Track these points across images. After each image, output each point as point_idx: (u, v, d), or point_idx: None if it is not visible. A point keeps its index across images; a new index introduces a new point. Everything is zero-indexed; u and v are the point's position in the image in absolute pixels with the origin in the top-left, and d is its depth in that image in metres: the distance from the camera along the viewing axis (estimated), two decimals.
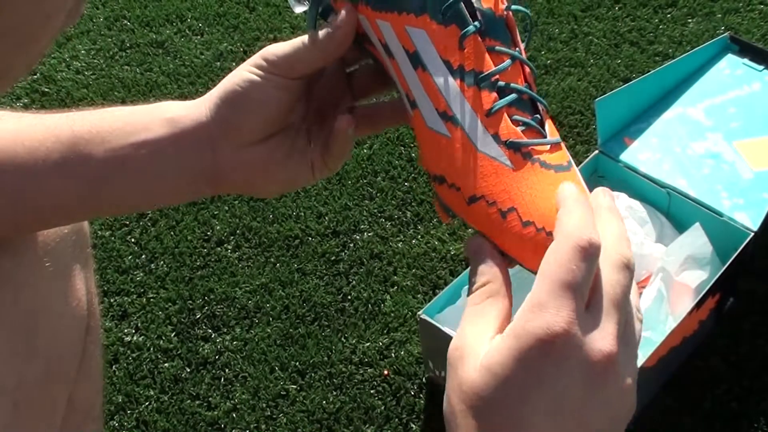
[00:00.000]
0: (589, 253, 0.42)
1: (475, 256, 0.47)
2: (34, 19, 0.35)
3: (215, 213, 1.34)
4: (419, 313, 1.03)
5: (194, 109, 0.54)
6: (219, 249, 1.30)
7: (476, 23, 0.47)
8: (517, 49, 0.49)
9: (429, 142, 0.49)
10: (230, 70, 1.77)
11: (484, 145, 0.48)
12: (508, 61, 0.48)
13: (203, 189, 0.56)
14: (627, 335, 0.43)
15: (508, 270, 0.47)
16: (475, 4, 0.47)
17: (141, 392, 1.14)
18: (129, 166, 0.53)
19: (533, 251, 0.46)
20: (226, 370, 1.16)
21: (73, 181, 0.53)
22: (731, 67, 1.27)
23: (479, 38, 0.48)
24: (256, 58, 0.53)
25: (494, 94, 0.48)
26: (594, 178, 1.20)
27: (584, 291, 0.42)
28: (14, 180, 0.52)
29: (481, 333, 0.43)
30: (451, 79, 0.48)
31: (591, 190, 0.48)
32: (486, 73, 0.48)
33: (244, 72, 0.53)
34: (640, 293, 1.03)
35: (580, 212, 0.44)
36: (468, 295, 0.47)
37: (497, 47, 0.48)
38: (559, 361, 0.40)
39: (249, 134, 0.54)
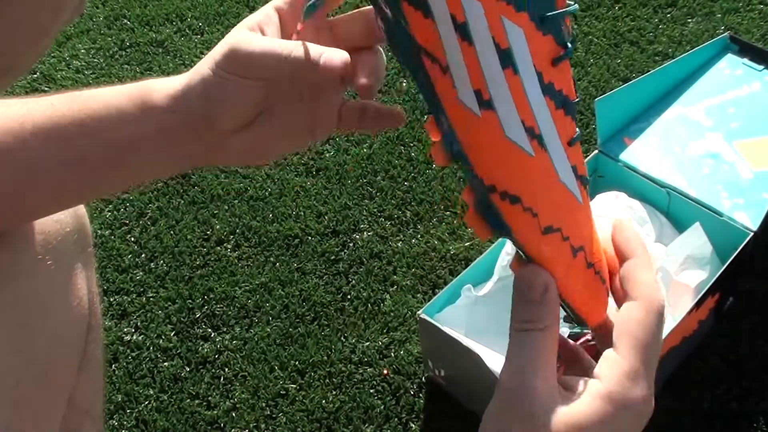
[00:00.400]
0: (663, 315, 0.45)
1: (539, 296, 0.45)
2: (48, 10, 0.35)
3: (215, 212, 1.34)
4: (419, 312, 1.03)
5: (177, 100, 0.52)
6: (219, 248, 1.30)
7: (570, 45, 0.42)
8: None
9: (503, 152, 0.43)
10: None
11: (565, 175, 0.44)
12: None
13: (200, 164, 0.56)
14: None
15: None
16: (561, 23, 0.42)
17: (140, 391, 1.14)
18: (125, 160, 0.53)
19: (590, 296, 0.47)
20: (226, 370, 1.16)
21: (74, 177, 0.53)
22: (731, 67, 1.27)
23: (568, 61, 0.43)
24: (219, 51, 0.50)
25: (574, 124, 0.44)
26: (594, 178, 1.20)
27: None
28: (17, 173, 0.52)
29: (546, 378, 0.44)
30: (541, 94, 0.42)
31: (591, 191, 0.48)
32: (574, 101, 0.44)
33: (206, 68, 0.50)
34: None
35: (650, 268, 0.46)
36: (517, 325, 0.45)
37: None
38: (636, 418, 0.44)
39: (224, 126, 0.52)
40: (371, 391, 1.13)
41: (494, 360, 0.94)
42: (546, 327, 0.45)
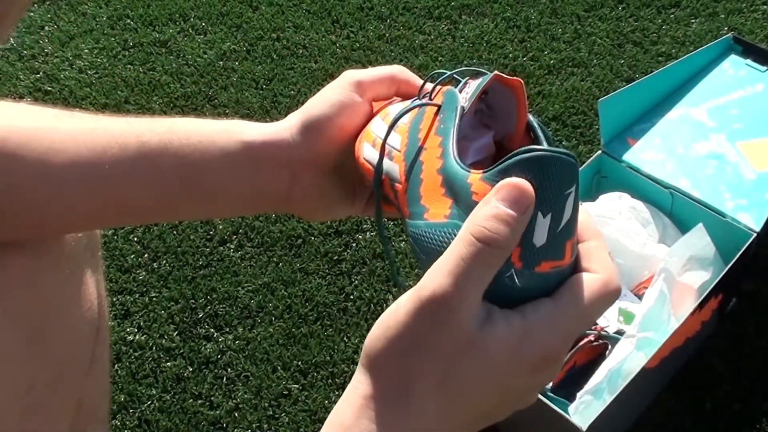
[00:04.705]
0: (615, 299, 0.45)
1: (520, 213, 0.41)
2: None
3: None
4: None
5: (275, 135, 0.56)
6: (221, 248, 1.30)
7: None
8: None
9: None
10: (233, 69, 1.75)
11: None
12: None
13: (276, 209, 0.59)
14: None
15: None
16: None
17: (143, 391, 1.14)
18: (204, 184, 0.55)
19: None
20: (229, 370, 1.16)
21: (148, 192, 0.54)
22: (734, 67, 1.27)
23: None
24: (348, 81, 0.56)
25: None
26: (597, 179, 1.20)
27: None
28: (80, 179, 0.53)
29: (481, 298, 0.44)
30: None
31: (594, 192, 0.48)
32: None
33: (334, 95, 0.55)
34: (643, 293, 1.03)
35: (606, 250, 0.47)
36: (477, 231, 0.42)
37: None
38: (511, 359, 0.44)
39: (328, 159, 0.56)
40: None
41: None
42: (505, 248, 0.41)
